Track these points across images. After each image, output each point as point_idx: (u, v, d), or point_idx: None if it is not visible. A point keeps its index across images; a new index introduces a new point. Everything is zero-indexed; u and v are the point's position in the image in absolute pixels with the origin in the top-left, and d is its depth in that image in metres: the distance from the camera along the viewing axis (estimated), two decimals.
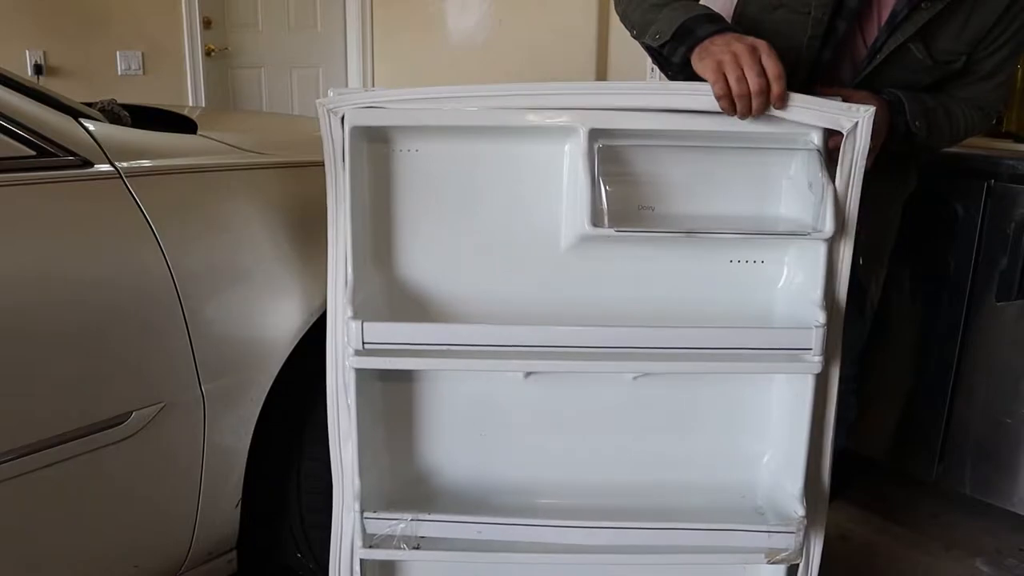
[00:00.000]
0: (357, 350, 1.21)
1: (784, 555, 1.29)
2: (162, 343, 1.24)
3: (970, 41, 1.38)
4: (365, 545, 1.29)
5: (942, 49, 1.38)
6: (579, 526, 1.28)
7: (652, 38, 1.29)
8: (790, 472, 1.30)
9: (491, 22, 4.23)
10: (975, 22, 1.36)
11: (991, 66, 1.42)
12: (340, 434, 1.28)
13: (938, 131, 1.41)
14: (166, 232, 1.24)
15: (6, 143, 1.16)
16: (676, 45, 1.24)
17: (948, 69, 1.41)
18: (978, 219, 1.84)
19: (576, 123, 1.20)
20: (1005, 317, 1.84)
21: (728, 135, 1.23)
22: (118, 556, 1.30)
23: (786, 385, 1.34)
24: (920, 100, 1.38)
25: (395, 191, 1.28)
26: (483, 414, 1.37)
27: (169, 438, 1.27)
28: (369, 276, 1.28)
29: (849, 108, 1.17)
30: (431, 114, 1.21)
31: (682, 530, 1.28)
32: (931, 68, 1.40)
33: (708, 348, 1.22)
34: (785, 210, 1.29)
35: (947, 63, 1.39)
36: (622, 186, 1.25)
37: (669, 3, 1.29)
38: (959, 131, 1.46)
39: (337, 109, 1.19)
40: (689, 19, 1.23)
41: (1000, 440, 1.89)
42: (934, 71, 1.41)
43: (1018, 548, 1.94)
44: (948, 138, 1.46)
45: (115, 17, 4.00)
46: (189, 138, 1.47)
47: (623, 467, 1.38)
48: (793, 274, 1.31)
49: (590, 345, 1.22)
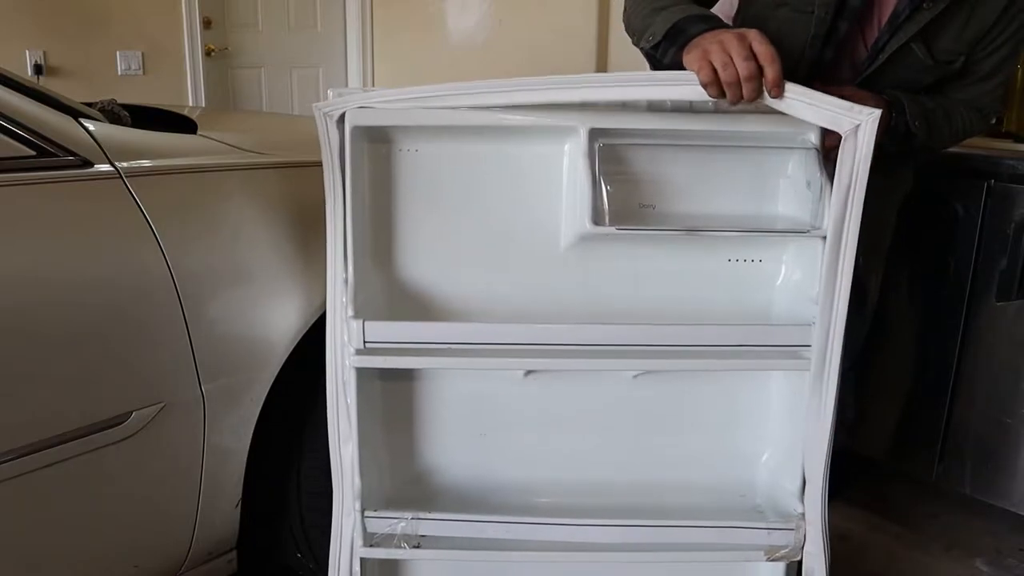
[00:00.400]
0: (358, 349, 1.22)
1: (783, 552, 1.30)
2: (162, 343, 1.24)
3: (970, 41, 1.38)
4: (366, 544, 1.29)
5: (943, 49, 1.38)
6: (579, 524, 1.29)
7: (646, 40, 1.29)
8: (789, 470, 1.31)
9: (491, 22, 4.23)
10: (975, 23, 1.37)
11: (989, 67, 1.42)
12: (340, 433, 1.28)
13: (938, 132, 1.41)
14: (166, 232, 1.24)
15: (6, 143, 1.16)
16: (668, 45, 1.24)
17: (948, 69, 1.41)
18: (978, 219, 1.84)
19: (576, 123, 1.20)
20: (1005, 317, 1.84)
21: (727, 134, 1.23)
22: (118, 556, 1.30)
23: (785, 383, 1.34)
24: (919, 102, 1.39)
25: (395, 191, 1.28)
26: (483, 413, 1.38)
27: (169, 438, 1.27)
28: (369, 275, 1.28)
29: (851, 108, 1.12)
30: (431, 114, 1.21)
31: (681, 527, 1.29)
32: (931, 68, 1.40)
33: (707, 345, 1.23)
34: (783, 209, 1.30)
35: (947, 63, 1.40)
36: (622, 185, 1.25)
37: (667, 7, 1.29)
38: (958, 132, 1.46)
39: (334, 112, 1.19)
40: (682, 19, 1.23)
41: (1000, 440, 1.89)
42: (934, 71, 1.41)
43: (1018, 548, 1.94)
44: (947, 139, 1.47)
45: (115, 17, 4.00)
46: (189, 138, 1.47)
47: (623, 465, 1.39)
48: (791, 272, 1.31)
49: (589, 343, 1.23)
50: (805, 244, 1.25)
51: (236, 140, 1.50)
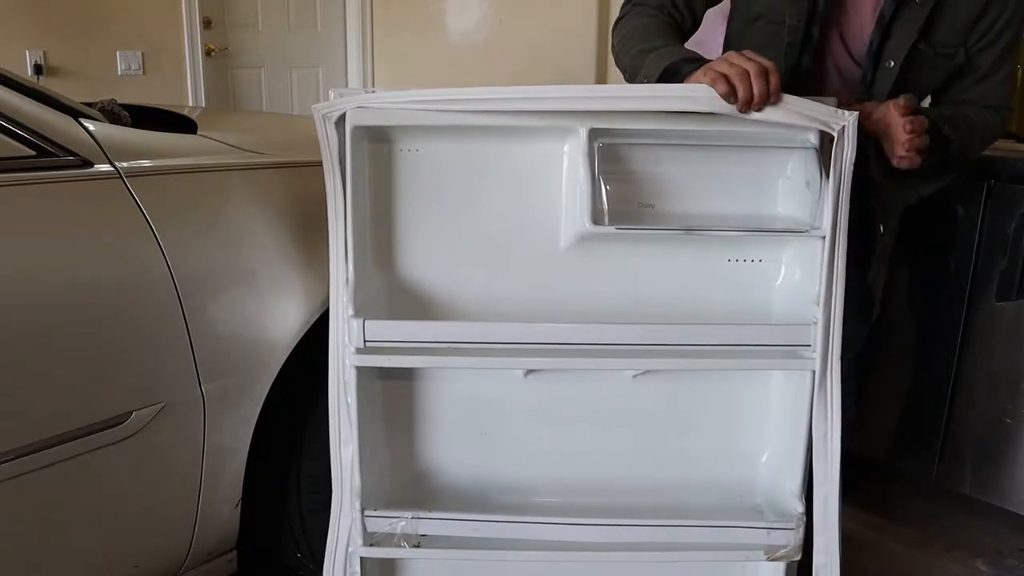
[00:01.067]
0: (358, 348, 1.22)
1: (783, 552, 1.30)
2: (162, 343, 1.24)
3: (963, 29, 1.40)
4: (365, 543, 1.29)
5: (940, 42, 1.40)
6: (578, 523, 1.29)
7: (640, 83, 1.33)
8: (789, 470, 1.31)
9: (491, 22, 4.23)
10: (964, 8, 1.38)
11: (988, 63, 1.43)
12: (340, 432, 1.28)
13: (967, 135, 1.42)
14: (166, 232, 1.24)
15: (6, 143, 1.16)
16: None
17: (951, 64, 1.42)
18: (978, 219, 1.84)
19: (576, 123, 1.21)
20: (1005, 317, 1.84)
21: (727, 134, 1.24)
22: (118, 556, 1.30)
23: (785, 382, 1.35)
24: (937, 111, 1.41)
25: (396, 190, 1.28)
26: (483, 412, 1.38)
27: (169, 438, 1.27)
28: (370, 275, 1.28)
29: (836, 112, 1.19)
30: (431, 114, 1.21)
31: (681, 527, 1.29)
32: (936, 62, 1.41)
33: (707, 345, 1.23)
34: (783, 209, 1.30)
35: (948, 56, 1.41)
36: (622, 184, 1.26)
37: (654, 48, 1.33)
38: (984, 133, 1.47)
39: (332, 113, 1.20)
40: (673, 63, 1.27)
41: (1000, 440, 1.89)
42: (940, 68, 1.42)
43: (1018, 548, 1.94)
44: (978, 141, 1.47)
45: (115, 17, 4.00)
46: (189, 138, 1.47)
47: (622, 465, 1.39)
48: (791, 272, 1.32)
49: (589, 342, 1.23)
50: (804, 244, 1.26)
51: (236, 140, 1.50)
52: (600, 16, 3.76)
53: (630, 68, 1.39)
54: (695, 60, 1.26)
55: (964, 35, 1.40)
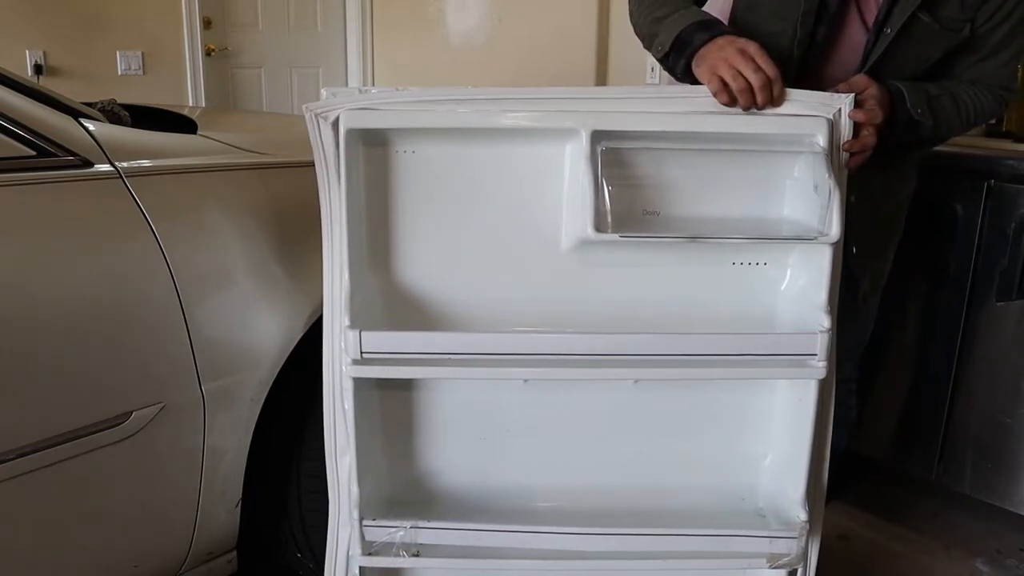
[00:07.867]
0: (355, 359, 1.19)
1: (786, 560, 1.28)
2: (162, 343, 1.24)
3: (971, 7, 1.38)
4: (364, 553, 1.27)
5: (947, 16, 1.38)
6: (579, 532, 1.27)
7: (656, 50, 1.36)
8: (792, 476, 1.29)
9: (491, 22, 4.23)
10: None
11: (995, 41, 1.41)
12: (336, 442, 1.27)
13: (945, 118, 1.41)
14: (166, 232, 1.24)
15: (6, 143, 1.16)
16: (677, 57, 1.31)
17: (956, 38, 1.40)
18: (978, 219, 1.84)
19: (578, 125, 1.18)
20: (1005, 317, 1.84)
21: (733, 137, 1.22)
22: (118, 556, 1.30)
23: (788, 389, 1.33)
24: (922, 89, 1.38)
25: (392, 193, 1.26)
26: (483, 419, 1.36)
27: (169, 438, 1.27)
28: (366, 281, 1.26)
29: (830, 97, 1.20)
30: (428, 115, 1.19)
31: (683, 536, 1.27)
32: (939, 36, 1.39)
33: (711, 355, 1.21)
34: (789, 212, 1.28)
35: (954, 31, 1.39)
36: (625, 189, 1.23)
37: (669, 14, 1.34)
38: (970, 115, 1.45)
39: (328, 113, 1.17)
40: (684, 30, 1.28)
41: (1000, 440, 1.89)
42: (942, 40, 1.40)
43: (1018, 548, 1.94)
44: (959, 124, 1.45)
45: (115, 17, 4.00)
46: (189, 138, 1.47)
47: (624, 471, 1.37)
48: (796, 276, 1.29)
49: (590, 352, 1.20)
50: (811, 249, 1.23)
51: (236, 140, 1.50)
52: (600, 16, 3.75)
53: (647, 37, 1.41)
54: (707, 26, 1.28)
55: (973, 12, 1.38)
